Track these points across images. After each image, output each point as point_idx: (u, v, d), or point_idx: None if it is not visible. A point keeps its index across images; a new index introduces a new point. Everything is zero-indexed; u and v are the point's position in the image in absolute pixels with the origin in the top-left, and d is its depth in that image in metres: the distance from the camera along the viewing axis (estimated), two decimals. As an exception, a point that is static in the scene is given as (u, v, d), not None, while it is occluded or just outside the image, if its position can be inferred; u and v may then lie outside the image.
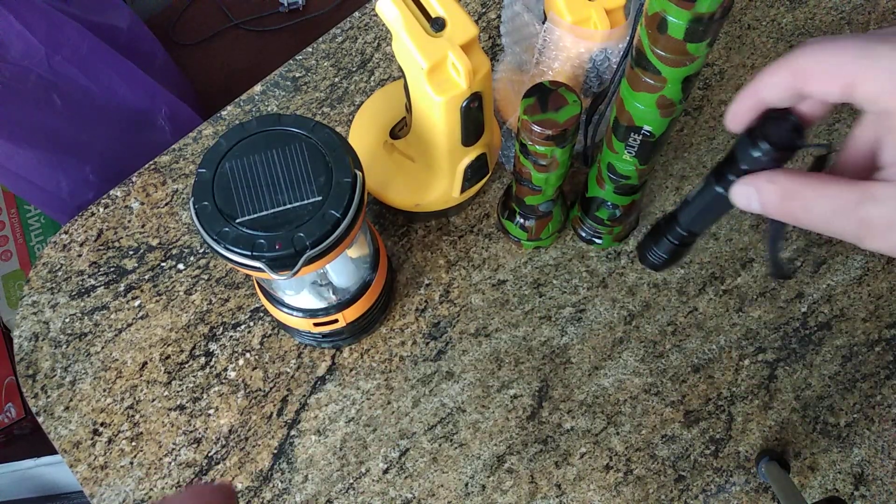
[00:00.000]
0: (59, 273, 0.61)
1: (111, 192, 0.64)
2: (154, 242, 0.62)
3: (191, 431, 0.55)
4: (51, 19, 0.94)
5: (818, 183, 0.26)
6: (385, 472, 0.53)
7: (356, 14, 0.72)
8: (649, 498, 0.52)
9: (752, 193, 0.29)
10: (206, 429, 0.55)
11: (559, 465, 0.53)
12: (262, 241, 0.40)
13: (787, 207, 0.28)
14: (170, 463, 0.54)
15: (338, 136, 0.43)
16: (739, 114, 0.30)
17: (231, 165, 0.42)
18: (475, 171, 0.55)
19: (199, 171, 0.41)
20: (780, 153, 0.39)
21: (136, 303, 0.60)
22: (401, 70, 0.49)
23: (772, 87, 0.28)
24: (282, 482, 0.53)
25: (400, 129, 0.58)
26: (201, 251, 0.61)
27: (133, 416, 0.56)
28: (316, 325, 0.51)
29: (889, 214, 0.24)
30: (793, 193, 0.27)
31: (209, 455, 0.54)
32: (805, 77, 0.26)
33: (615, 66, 0.50)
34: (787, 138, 0.39)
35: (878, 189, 0.24)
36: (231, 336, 0.58)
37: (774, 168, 0.29)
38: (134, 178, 0.65)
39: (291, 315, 0.51)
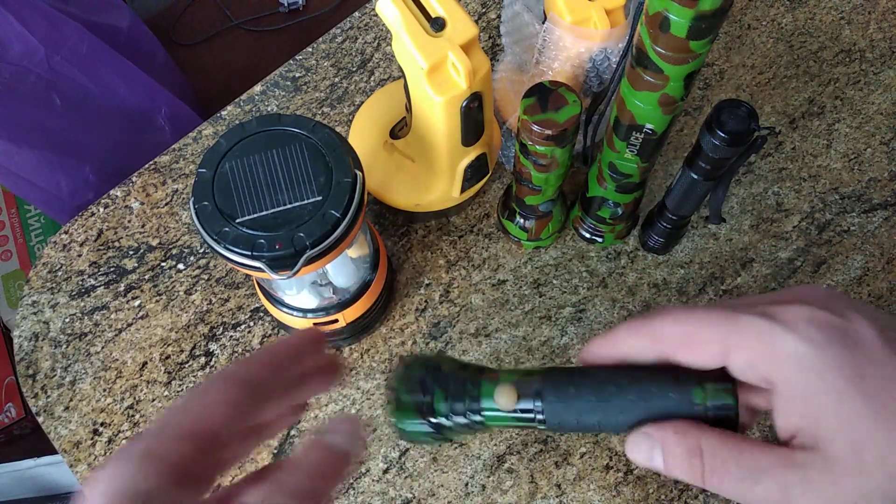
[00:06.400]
0: (59, 273, 0.61)
1: (111, 192, 0.64)
2: (154, 242, 0.62)
3: (191, 431, 0.55)
4: (51, 19, 0.94)
5: (734, 443, 0.24)
6: (385, 472, 0.53)
7: (356, 14, 0.72)
8: (649, 498, 0.52)
9: (654, 447, 0.25)
10: (206, 429, 0.55)
11: (559, 465, 0.53)
12: (262, 241, 0.40)
13: (695, 467, 0.24)
14: (170, 463, 0.54)
15: (338, 136, 0.43)
16: (592, 358, 0.28)
17: (231, 165, 0.42)
18: (475, 171, 0.55)
19: (199, 171, 0.41)
20: (736, 138, 0.43)
21: (136, 303, 0.60)
22: (401, 70, 0.49)
23: (633, 348, 0.26)
24: (282, 482, 0.53)
25: (400, 129, 0.58)
26: (201, 251, 0.61)
27: (133, 416, 0.56)
28: (316, 325, 0.51)
29: (819, 485, 0.22)
30: (703, 452, 0.24)
31: (209, 455, 0.54)
32: (672, 348, 0.25)
33: (615, 66, 0.50)
34: (741, 124, 0.43)
35: (799, 456, 0.22)
36: (231, 336, 0.58)
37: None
38: (134, 178, 0.65)
39: (291, 315, 0.51)
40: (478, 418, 0.29)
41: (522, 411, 0.29)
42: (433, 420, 0.29)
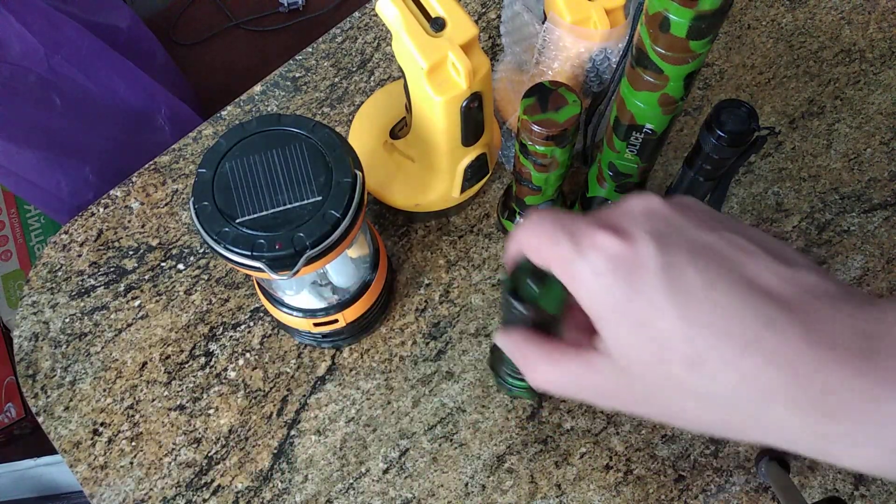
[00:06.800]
0: (59, 273, 0.61)
1: (111, 192, 0.64)
2: (154, 242, 0.62)
3: (191, 431, 0.55)
4: (51, 19, 0.94)
5: (549, 353, 0.30)
6: (385, 472, 0.53)
7: (356, 14, 0.72)
8: (649, 498, 0.52)
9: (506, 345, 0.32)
10: (206, 429, 0.55)
11: (559, 465, 0.53)
12: (262, 241, 0.40)
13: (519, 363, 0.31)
14: (170, 463, 0.54)
15: (338, 136, 0.43)
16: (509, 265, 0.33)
17: (231, 165, 0.42)
18: (475, 171, 0.55)
19: (199, 171, 0.41)
20: (736, 138, 0.43)
21: (136, 303, 0.60)
22: (401, 70, 0.49)
23: (516, 252, 0.31)
24: (282, 482, 0.53)
25: (400, 129, 0.58)
26: (201, 251, 0.61)
27: (133, 416, 0.56)
28: (316, 325, 0.51)
29: (606, 385, 0.28)
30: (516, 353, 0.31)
31: (209, 455, 0.54)
32: (526, 252, 0.30)
33: (615, 66, 0.50)
34: (741, 124, 0.43)
35: (595, 359, 0.28)
36: (231, 336, 0.58)
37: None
38: (134, 178, 0.65)
39: (291, 315, 0.51)
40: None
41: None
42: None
